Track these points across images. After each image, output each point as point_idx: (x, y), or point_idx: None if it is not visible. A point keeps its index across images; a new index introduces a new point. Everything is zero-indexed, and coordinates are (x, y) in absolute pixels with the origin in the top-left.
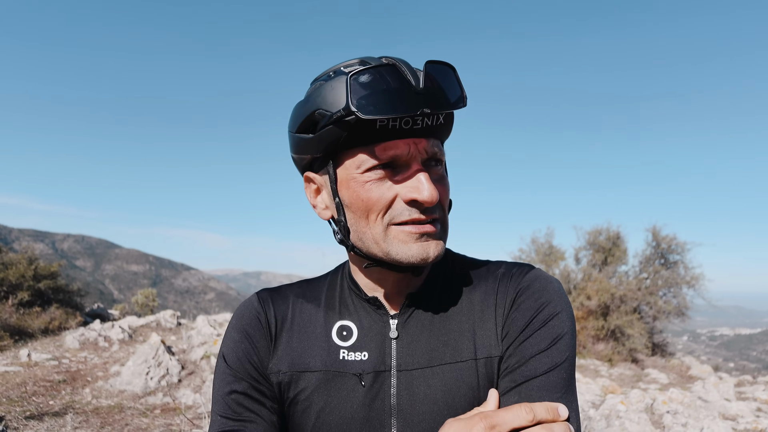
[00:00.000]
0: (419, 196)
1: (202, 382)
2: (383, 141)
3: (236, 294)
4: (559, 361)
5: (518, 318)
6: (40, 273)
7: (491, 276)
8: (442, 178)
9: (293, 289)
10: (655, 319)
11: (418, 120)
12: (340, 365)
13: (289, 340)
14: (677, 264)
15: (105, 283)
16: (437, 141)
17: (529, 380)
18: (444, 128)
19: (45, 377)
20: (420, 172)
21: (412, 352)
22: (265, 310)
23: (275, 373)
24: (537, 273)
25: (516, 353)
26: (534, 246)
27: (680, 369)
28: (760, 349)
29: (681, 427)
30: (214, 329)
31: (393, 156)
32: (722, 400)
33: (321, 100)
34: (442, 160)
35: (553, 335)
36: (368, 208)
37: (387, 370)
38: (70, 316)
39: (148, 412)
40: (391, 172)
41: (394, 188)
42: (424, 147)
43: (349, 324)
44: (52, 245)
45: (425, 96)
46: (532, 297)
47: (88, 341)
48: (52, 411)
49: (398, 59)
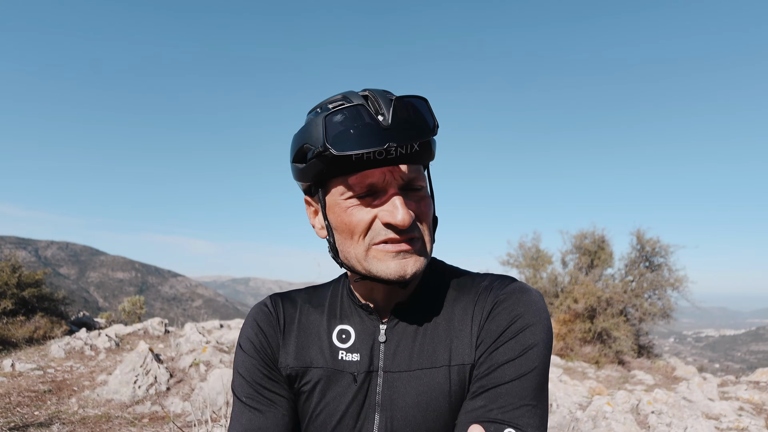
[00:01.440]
0: (392, 220)
1: (191, 390)
2: (361, 170)
3: (224, 301)
4: (526, 370)
5: (492, 328)
6: (24, 281)
7: (474, 288)
8: (422, 198)
9: (301, 294)
10: (641, 321)
11: (391, 150)
12: (339, 364)
13: (296, 338)
14: (661, 266)
15: (90, 290)
16: (415, 166)
17: (496, 386)
18: (421, 154)
19: (30, 387)
20: (395, 197)
21: (396, 355)
22: (276, 310)
23: (284, 367)
24: (516, 285)
25: (487, 361)
26: (521, 250)
27: (666, 370)
28: (744, 349)
29: (665, 426)
30: (203, 336)
31: (369, 184)
32: (706, 399)
33: (307, 135)
34: (421, 184)
35: (523, 345)
36: (351, 231)
37: (375, 371)
38: (55, 324)
39: (137, 421)
40: (371, 198)
41: (372, 212)
42: (400, 174)
43: (347, 328)
44: (35, 253)
45: (392, 130)
46: (507, 309)
47: (73, 350)
48: (38, 422)
49: (377, 92)
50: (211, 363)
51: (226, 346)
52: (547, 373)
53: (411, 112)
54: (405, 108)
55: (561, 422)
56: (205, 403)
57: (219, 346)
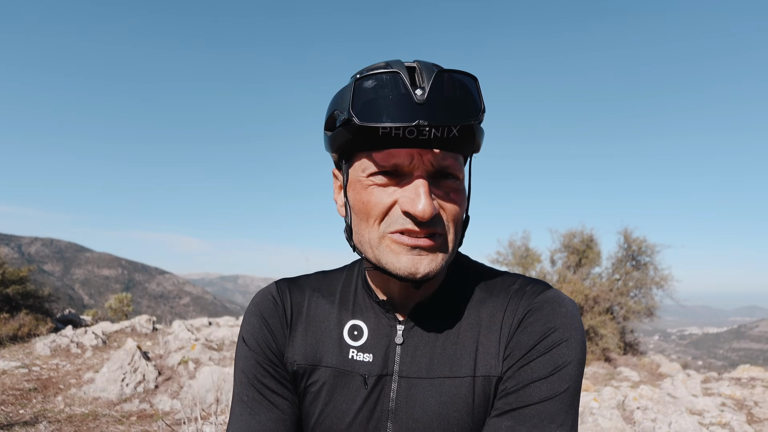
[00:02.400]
0: (412, 209)
1: (180, 388)
2: (387, 148)
3: (212, 298)
4: (558, 391)
5: (523, 340)
6: (8, 278)
7: (503, 291)
8: (455, 191)
9: (310, 281)
10: (626, 319)
11: (424, 130)
12: (349, 364)
13: (304, 331)
14: (647, 265)
15: (75, 288)
16: (451, 154)
17: (524, 407)
18: (460, 141)
19: (14, 386)
20: (420, 184)
21: (415, 360)
22: (282, 299)
23: (291, 362)
24: (551, 294)
25: (515, 376)
26: (511, 249)
27: (651, 367)
28: (726, 347)
29: (650, 422)
30: (192, 334)
31: (394, 164)
32: (689, 395)
33: (339, 100)
34: (457, 174)
35: (556, 363)
36: (367, 212)
37: (389, 375)
38: (40, 322)
39: (124, 419)
40: (395, 179)
41: (393, 195)
42: (431, 159)
43: (360, 324)
44: (18, 249)
45: (426, 107)
46: (541, 320)
47: (59, 348)
48: (23, 420)
49: (425, 65)
50: (200, 360)
51: (215, 343)
52: (578, 393)
53: (454, 90)
54: (448, 84)
55: None
56: (194, 400)
57: (208, 343)
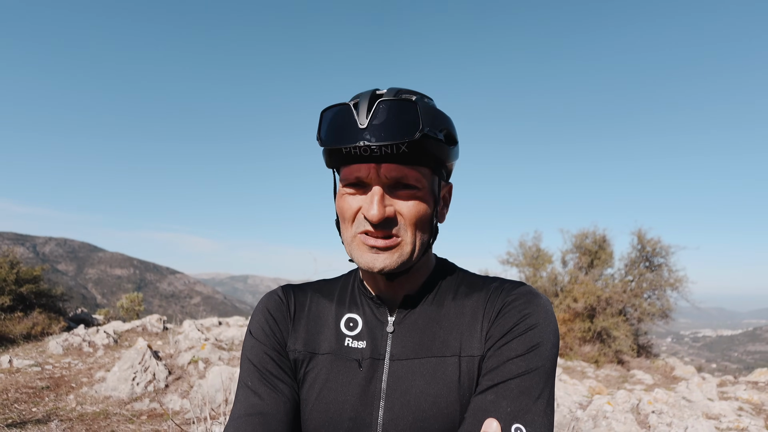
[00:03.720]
0: (366, 214)
1: (190, 387)
2: (351, 164)
3: (222, 298)
4: (534, 367)
5: (501, 324)
6: (22, 277)
7: (485, 288)
8: (411, 198)
9: (312, 285)
10: (640, 321)
11: (374, 149)
12: (345, 351)
13: (305, 325)
14: (661, 267)
15: (88, 287)
16: (406, 166)
17: (506, 381)
18: (411, 155)
19: (27, 384)
20: (375, 192)
21: (405, 344)
22: (287, 298)
23: (292, 351)
24: (526, 289)
25: (495, 355)
26: (522, 249)
27: (665, 370)
28: (741, 350)
29: (666, 426)
30: (202, 334)
31: (357, 177)
32: (705, 399)
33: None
34: (413, 184)
35: (531, 343)
36: (344, 216)
37: (381, 359)
38: (53, 321)
39: (135, 418)
40: (361, 189)
41: (359, 202)
42: (384, 172)
43: (355, 317)
44: (33, 249)
45: (367, 131)
46: (518, 308)
47: (72, 347)
48: (35, 418)
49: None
50: (210, 360)
51: (225, 343)
52: (553, 373)
53: (392, 114)
54: (386, 110)
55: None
56: (204, 400)
57: (218, 343)
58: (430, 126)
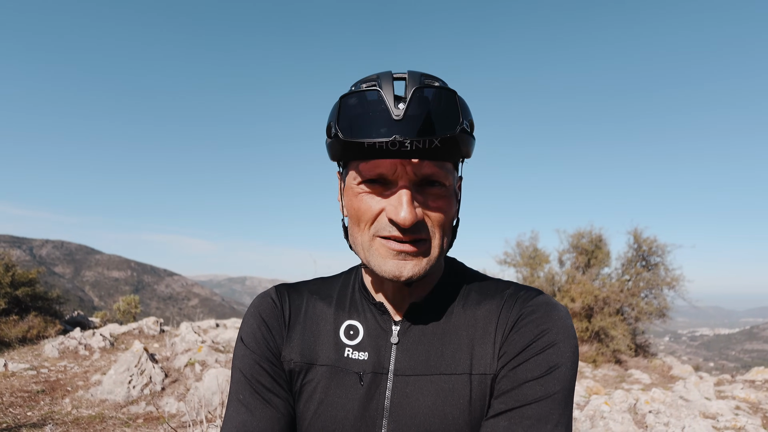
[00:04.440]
0: (395, 217)
1: (186, 390)
2: (372, 159)
3: (220, 300)
4: (552, 392)
5: (517, 340)
6: (17, 280)
7: (498, 295)
8: (440, 197)
9: (309, 285)
10: (637, 321)
11: (405, 143)
12: (345, 362)
13: (302, 331)
14: (658, 266)
15: (85, 290)
16: (435, 163)
17: (521, 406)
18: (442, 151)
19: (23, 388)
20: (404, 193)
21: (410, 358)
22: (281, 301)
23: (288, 361)
24: (544, 299)
25: (509, 375)
26: (519, 249)
27: (662, 369)
28: (738, 348)
29: (663, 426)
30: (199, 336)
31: (380, 174)
32: (702, 399)
33: (332, 113)
34: (442, 181)
35: (549, 364)
36: (359, 217)
37: (384, 373)
38: (49, 324)
39: (131, 421)
40: (382, 187)
41: (381, 203)
42: (413, 168)
43: (356, 324)
44: (29, 251)
45: (403, 123)
46: (534, 322)
47: (67, 350)
48: (30, 422)
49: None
50: (207, 363)
51: (222, 345)
52: (572, 396)
53: (432, 105)
54: (425, 100)
55: None
56: (201, 403)
57: (214, 345)
58: (465, 117)
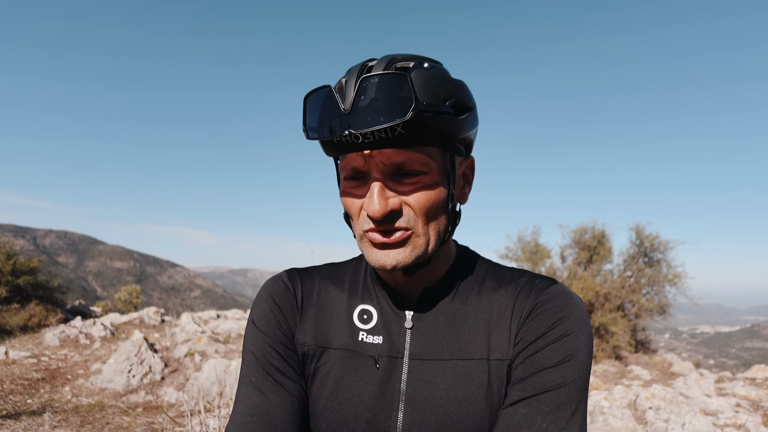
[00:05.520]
0: (367, 211)
1: (186, 380)
2: (345, 154)
3: (222, 291)
4: (570, 379)
5: (534, 327)
6: (19, 268)
7: (513, 283)
8: (417, 185)
9: (320, 270)
10: (638, 317)
11: (365, 135)
12: (359, 346)
13: (314, 315)
14: (660, 262)
15: (88, 279)
16: (406, 151)
17: (539, 393)
18: (411, 136)
19: (23, 375)
20: (374, 186)
21: (425, 343)
22: (293, 284)
23: (301, 344)
24: (560, 288)
25: (527, 362)
26: (520, 244)
27: (663, 366)
28: (738, 346)
29: (663, 422)
30: (199, 326)
31: (353, 168)
32: (703, 396)
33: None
34: (418, 168)
35: (566, 351)
36: (349, 211)
37: (400, 357)
38: (50, 312)
39: (130, 410)
40: (361, 182)
41: (362, 198)
42: (381, 159)
43: (369, 308)
44: (33, 241)
45: (353, 115)
46: (551, 310)
47: (68, 338)
48: (30, 410)
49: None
50: (206, 353)
51: (222, 336)
52: (588, 384)
53: (380, 92)
54: (372, 88)
55: None
56: (200, 393)
57: (214, 336)
58: (430, 98)
